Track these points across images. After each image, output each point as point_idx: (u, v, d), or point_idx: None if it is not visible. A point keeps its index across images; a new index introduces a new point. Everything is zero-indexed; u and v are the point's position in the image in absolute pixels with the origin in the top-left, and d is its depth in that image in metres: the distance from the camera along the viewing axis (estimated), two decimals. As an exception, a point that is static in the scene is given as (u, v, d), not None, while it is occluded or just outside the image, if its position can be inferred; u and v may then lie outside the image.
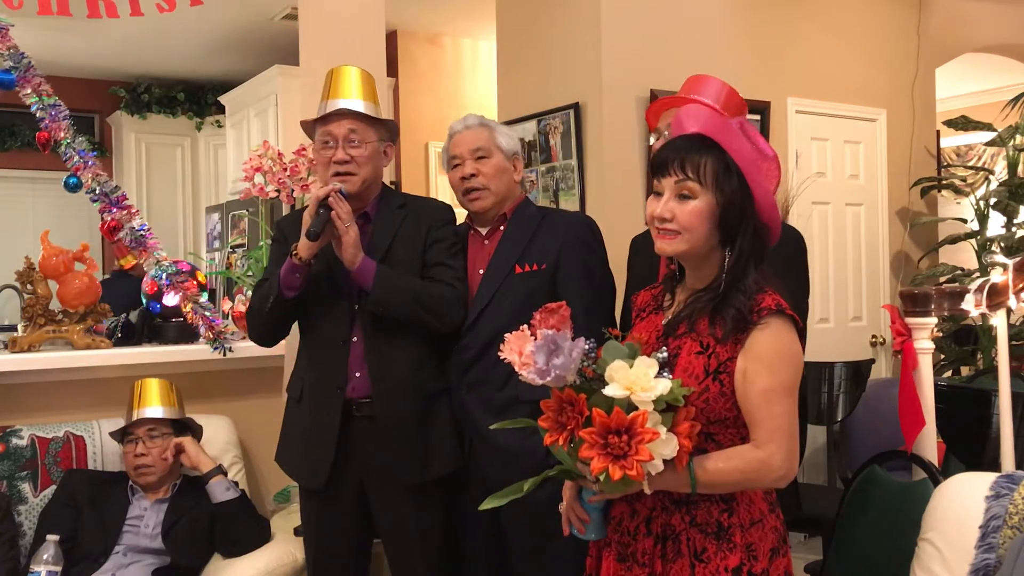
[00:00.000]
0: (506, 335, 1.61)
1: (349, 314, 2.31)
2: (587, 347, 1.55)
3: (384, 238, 2.34)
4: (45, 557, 2.40)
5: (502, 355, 1.60)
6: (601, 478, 1.47)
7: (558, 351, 1.52)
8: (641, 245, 2.43)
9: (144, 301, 3.21)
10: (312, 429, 2.32)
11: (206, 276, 3.39)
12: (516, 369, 1.57)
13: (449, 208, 2.47)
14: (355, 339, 2.30)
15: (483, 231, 2.44)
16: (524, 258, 2.35)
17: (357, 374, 2.29)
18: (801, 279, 2.30)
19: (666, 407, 1.50)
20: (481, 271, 2.39)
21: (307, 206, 2.24)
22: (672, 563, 1.62)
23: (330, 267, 2.28)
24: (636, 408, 1.47)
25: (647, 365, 1.50)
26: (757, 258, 1.63)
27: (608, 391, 1.49)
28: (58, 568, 2.40)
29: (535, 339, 1.56)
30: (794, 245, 2.28)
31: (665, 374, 1.53)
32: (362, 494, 2.33)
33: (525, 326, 1.61)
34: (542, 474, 1.64)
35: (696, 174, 1.60)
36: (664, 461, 1.49)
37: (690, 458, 1.54)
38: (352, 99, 2.31)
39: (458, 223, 2.48)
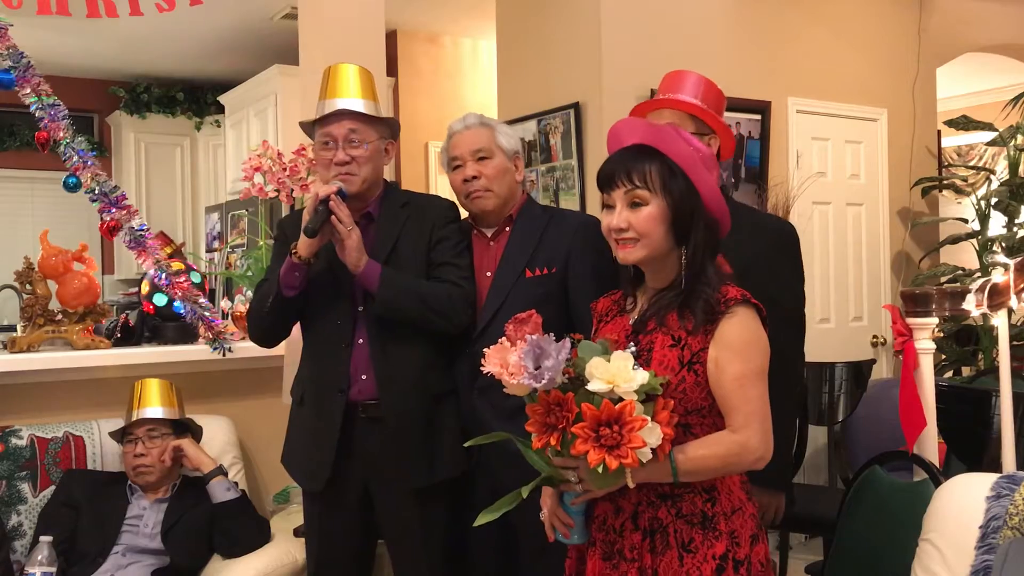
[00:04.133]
0: (484, 350, 1.64)
1: (352, 316, 2.28)
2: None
3: (388, 238, 2.32)
4: (39, 558, 2.38)
5: (484, 369, 1.62)
6: (599, 470, 1.51)
7: (545, 354, 1.56)
8: None
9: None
10: (314, 432, 2.31)
11: (206, 276, 3.38)
12: (505, 379, 1.60)
13: (453, 206, 2.44)
14: (360, 341, 2.28)
15: (488, 232, 2.41)
16: (534, 262, 2.32)
17: (363, 376, 2.27)
18: (796, 267, 2.36)
19: (645, 397, 1.55)
20: (488, 274, 2.36)
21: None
22: (661, 556, 1.67)
23: (332, 268, 2.26)
24: (620, 400, 1.52)
25: (624, 359, 1.55)
26: (711, 250, 1.71)
27: (591, 387, 1.53)
28: (52, 569, 2.39)
29: (514, 348, 1.60)
30: (786, 235, 2.35)
31: (638, 367, 1.57)
32: (366, 496, 2.32)
33: (503, 339, 1.65)
34: (531, 483, 1.66)
35: (644, 181, 1.68)
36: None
37: (670, 447, 1.59)
38: (351, 98, 2.28)
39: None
